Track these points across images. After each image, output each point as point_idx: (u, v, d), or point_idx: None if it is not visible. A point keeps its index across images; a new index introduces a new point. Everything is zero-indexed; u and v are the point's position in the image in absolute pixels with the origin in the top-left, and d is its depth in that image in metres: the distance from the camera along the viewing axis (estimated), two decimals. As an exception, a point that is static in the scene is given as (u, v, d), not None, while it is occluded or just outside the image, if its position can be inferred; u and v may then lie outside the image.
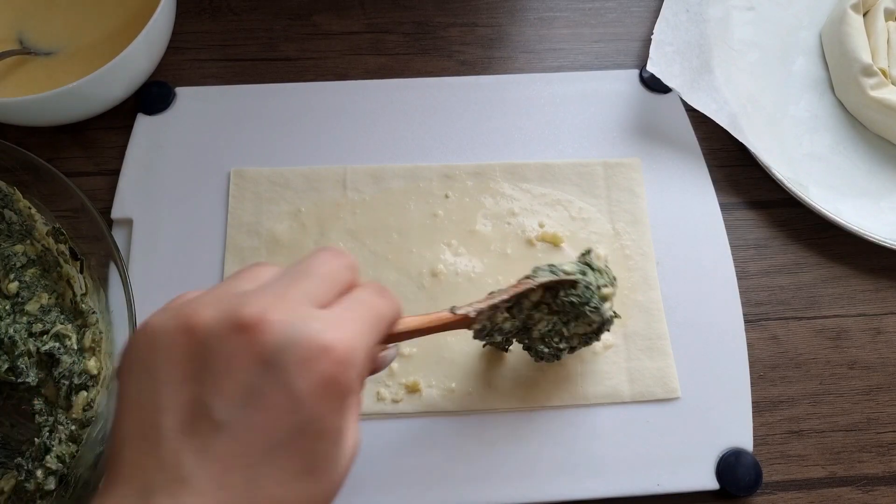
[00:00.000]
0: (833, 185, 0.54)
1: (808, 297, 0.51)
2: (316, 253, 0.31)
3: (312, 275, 0.30)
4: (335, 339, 0.27)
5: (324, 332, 0.27)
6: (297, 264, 0.30)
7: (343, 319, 0.28)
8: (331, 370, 0.26)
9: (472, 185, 0.52)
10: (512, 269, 0.49)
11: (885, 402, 0.49)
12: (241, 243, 0.50)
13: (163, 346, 0.27)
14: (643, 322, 0.48)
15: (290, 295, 0.28)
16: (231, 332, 0.26)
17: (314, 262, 0.30)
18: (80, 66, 0.54)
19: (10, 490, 0.42)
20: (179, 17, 0.56)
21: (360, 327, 0.29)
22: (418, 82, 0.56)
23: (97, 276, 0.45)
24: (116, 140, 0.54)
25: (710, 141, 0.55)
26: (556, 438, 0.45)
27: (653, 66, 0.53)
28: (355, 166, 0.52)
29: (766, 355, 0.49)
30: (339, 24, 0.60)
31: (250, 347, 0.26)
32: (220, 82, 0.57)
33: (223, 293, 0.28)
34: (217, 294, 0.28)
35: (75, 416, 0.42)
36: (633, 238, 0.51)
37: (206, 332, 0.26)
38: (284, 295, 0.28)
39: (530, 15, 0.61)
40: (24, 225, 0.47)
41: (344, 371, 0.27)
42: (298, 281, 0.29)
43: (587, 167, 0.53)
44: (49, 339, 0.43)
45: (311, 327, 0.27)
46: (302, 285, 0.29)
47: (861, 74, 0.55)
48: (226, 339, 0.26)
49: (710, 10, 0.58)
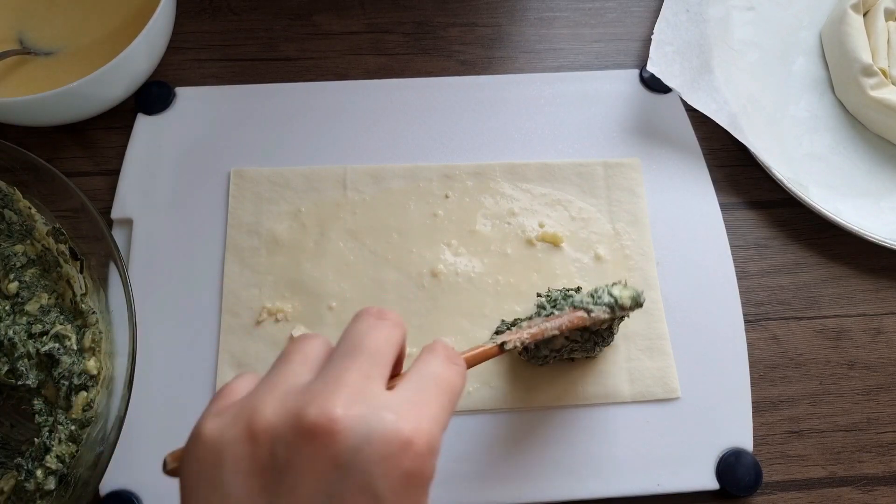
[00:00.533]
0: (833, 185, 0.54)
1: (808, 297, 0.52)
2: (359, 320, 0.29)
3: (366, 350, 0.28)
4: (414, 431, 0.25)
5: (399, 423, 0.25)
6: (346, 338, 0.29)
7: (417, 404, 0.26)
8: (413, 465, 0.24)
9: (472, 185, 0.52)
10: (512, 269, 0.49)
11: (885, 402, 0.49)
12: (241, 243, 0.50)
13: (228, 458, 0.25)
14: (643, 322, 0.48)
15: (351, 381, 0.26)
16: (300, 438, 0.24)
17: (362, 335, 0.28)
18: (80, 66, 0.54)
19: (10, 490, 0.42)
20: (179, 17, 0.56)
21: (436, 411, 0.27)
22: (418, 82, 0.56)
23: (97, 276, 0.45)
24: (116, 140, 0.54)
25: (710, 141, 0.55)
26: (556, 438, 0.45)
27: (653, 66, 0.53)
28: (355, 166, 0.52)
29: (766, 355, 0.49)
30: (339, 24, 0.60)
31: (324, 453, 0.24)
32: (220, 82, 0.57)
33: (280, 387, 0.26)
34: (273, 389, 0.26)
35: (75, 417, 0.42)
36: (633, 238, 0.51)
37: (272, 439, 0.25)
38: (345, 382, 0.26)
39: (530, 15, 0.61)
40: (24, 225, 0.47)
41: (425, 462, 0.25)
42: (354, 360, 0.27)
43: (587, 167, 0.53)
44: (49, 339, 0.43)
45: (385, 420, 0.25)
46: (359, 366, 0.27)
47: (861, 74, 0.55)
48: (295, 447, 0.24)
49: (710, 10, 0.58)
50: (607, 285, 0.43)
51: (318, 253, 0.49)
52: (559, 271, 0.49)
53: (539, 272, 0.49)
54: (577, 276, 0.49)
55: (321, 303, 0.48)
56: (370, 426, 0.25)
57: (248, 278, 0.49)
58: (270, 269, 0.49)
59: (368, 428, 0.25)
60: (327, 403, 0.25)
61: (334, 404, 0.25)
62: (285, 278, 0.49)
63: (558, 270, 0.49)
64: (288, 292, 0.48)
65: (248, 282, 0.49)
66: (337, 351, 0.28)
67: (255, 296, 0.48)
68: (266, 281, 0.49)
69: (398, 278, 0.49)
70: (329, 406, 0.25)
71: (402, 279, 0.49)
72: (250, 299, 0.48)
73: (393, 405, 0.26)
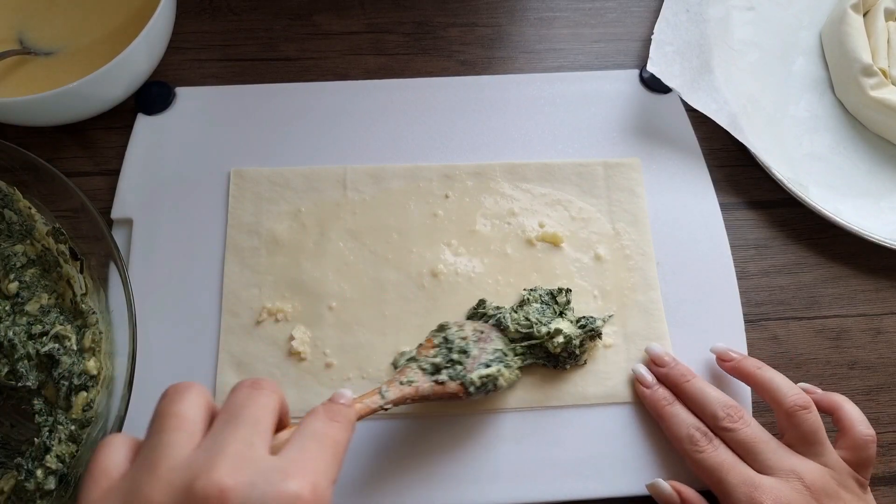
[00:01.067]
0: (833, 185, 0.54)
1: (808, 297, 0.52)
2: (235, 392, 0.30)
3: (245, 418, 0.29)
4: (300, 486, 0.26)
5: (285, 480, 0.26)
6: (224, 410, 0.30)
7: (300, 461, 0.28)
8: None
9: (472, 185, 0.52)
10: (512, 269, 0.49)
11: (885, 402, 0.49)
12: (241, 243, 0.50)
13: None
14: (643, 322, 0.48)
15: (234, 450, 0.27)
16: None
17: (240, 404, 0.30)
18: (80, 66, 0.54)
19: (10, 490, 0.42)
20: (179, 17, 0.56)
21: (320, 465, 0.28)
22: (418, 82, 0.57)
23: (97, 276, 0.45)
24: (116, 140, 0.54)
25: (710, 141, 0.55)
26: (556, 438, 0.45)
27: (653, 66, 0.53)
28: (355, 166, 0.52)
29: (766, 355, 0.49)
30: (339, 24, 0.60)
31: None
32: (220, 82, 0.57)
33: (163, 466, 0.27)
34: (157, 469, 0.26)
35: (75, 417, 0.42)
36: (633, 238, 0.51)
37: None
38: (228, 451, 0.27)
39: (530, 15, 0.61)
40: (24, 225, 0.47)
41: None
42: (235, 429, 0.28)
43: (587, 167, 0.53)
44: (49, 340, 0.43)
45: (271, 481, 0.26)
46: (240, 434, 0.28)
47: (861, 74, 0.55)
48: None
49: (710, 10, 0.58)
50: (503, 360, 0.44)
51: (318, 253, 0.49)
52: (559, 271, 0.49)
53: (539, 272, 0.49)
54: (577, 276, 0.49)
55: (321, 303, 0.48)
56: (259, 489, 0.26)
57: (248, 278, 0.49)
58: (270, 269, 0.49)
59: (258, 490, 0.26)
60: (214, 474, 0.26)
61: (221, 474, 0.26)
62: (285, 278, 0.49)
63: (558, 270, 0.49)
64: (288, 292, 0.48)
65: (248, 282, 0.49)
66: (216, 423, 0.29)
67: (255, 296, 0.48)
68: (266, 281, 0.49)
69: (398, 278, 0.49)
70: (216, 476, 0.25)
71: (402, 279, 0.49)
72: (250, 299, 0.48)
73: (278, 466, 0.27)
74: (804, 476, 0.39)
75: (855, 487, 0.40)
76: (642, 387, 0.45)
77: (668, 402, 0.44)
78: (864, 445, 0.41)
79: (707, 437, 0.41)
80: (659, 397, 0.44)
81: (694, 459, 0.41)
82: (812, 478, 0.39)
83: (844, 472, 0.41)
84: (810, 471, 0.40)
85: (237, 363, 0.47)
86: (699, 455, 0.41)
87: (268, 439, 0.29)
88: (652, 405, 0.45)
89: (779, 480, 0.39)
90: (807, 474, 0.39)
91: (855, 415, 0.43)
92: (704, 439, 0.41)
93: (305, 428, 0.31)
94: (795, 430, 0.41)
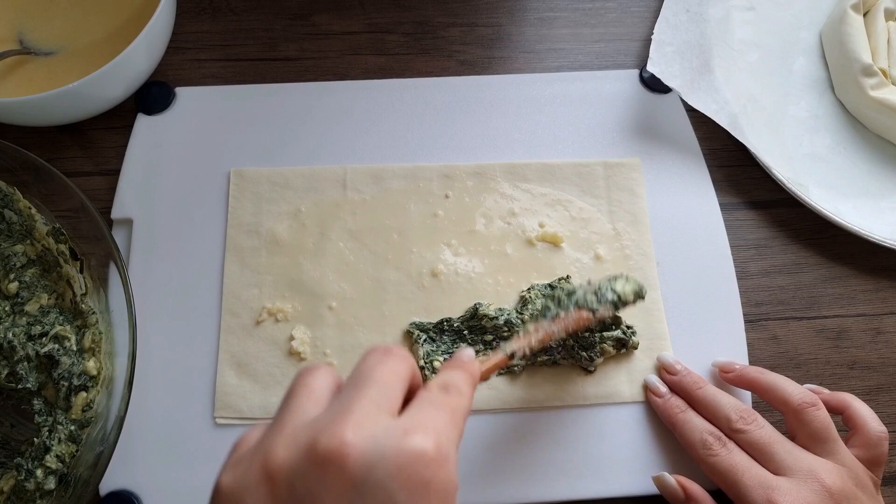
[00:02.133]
0: (833, 185, 0.54)
1: (808, 297, 0.52)
2: (367, 356, 0.30)
3: (374, 381, 0.28)
4: (423, 443, 0.26)
5: (408, 437, 0.26)
6: (354, 373, 0.29)
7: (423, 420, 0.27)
8: (428, 474, 0.25)
9: (472, 185, 0.52)
10: (512, 269, 0.49)
11: (885, 402, 0.49)
12: (241, 243, 0.50)
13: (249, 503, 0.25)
14: (643, 322, 0.48)
15: (359, 410, 0.27)
16: (315, 467, 0.25)
17: (370, 367, 0.29)
18: (80, 66, 0.54)
19: (10, 490, 0.42)
20: (179, 17, 0.56)
21: (442, 425, 0.28)
22: (418, 82, 0.56)
23: (97, 276, 0.45)
24: (116, 140, 0.54)
25: (710, 141, 0.55)
26: (556, 438, 0.45)
27: (653, 66, 0.53)
28: (355, 166, 0.52)
29: (766, 355, 0.49)
30: (339, 24, 0.60)
31: (339, 477, 0.25)
32: (220, 82, 0.57)
33: (289, 427, 0.27)
34: (283, 429, 0.27)
35: (75, 417, 0.42)
36: (633, 238, 0.51)
37: (288, 476, 0.25)
38: (354, 411, 0.27)
39: (530, 15, 0.61)
40: (24, 225, 0.47)
41: (441, 469, 0.26)
42: (362, 391, 0.28)
43: (587, 167, 0.53)
44: (48, 340, 0.43)
45: (394, 437, 0.26)
46: (368, 395, 0.28)
47: (861, 74, 0.55)
48: (312, 477, 0.25)
49: (710, 10, 0.58)
50: (609, 280, 0.43)
51: (318, 253, 0.49)
52: (559, 271, 0.49)
53: (539, 272, 0.49)
54: (577, 276, 0.49)
55: (321, 303, 0.48)
56: (380, 444, 0.25)
57: (248, 278, 0.49)
58: (270, 269, 0.49)
59: (378, 445, 0.25)
60: (337, 431, 0.25)
61: (344, 430, 0.25)
62: (285, 278, 0.49)
63: (558, 270, 0.49)
64: (288, 292, 0.48)
65: (248, 282, 0.49)
66: (345, 385, 0.29)
67: (255, 296, 0.48)
68: (266, 281, 0.49)
69: (398, 278, 0.49)
70: (339, 433, 0.25)
71: (402, 279, 0.49)
72: (250, 299, 0.48)
73: (400, 425, 0.26)
74: (822, 477, 0.39)
75: (871, 487, 0.40)
76: (655, 397, 0.45)
77: (681, 410, 0.44)
78: (877, 442, 0.41)
79: (721, 440, 0.41)
80: (671, 405, 0.44)
81: (708, 463, 0.41)
82: (831, 478, 0.39)
83: (860, 470, 0.40)
84: (828, 471, 0.39)
85: (237, 363, 0.47)
86: (713, 459, 0.41)
87: (395, 404, 0.28)
88: (665, 414, 0.45)
89: (796, 481, 0.39)
90: (824, 475, 0.39)
91: (865, 412, 0.42)
92: (718, 443, 0.41)
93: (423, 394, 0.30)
94: (806, 429, 0.41)
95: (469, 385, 0.32)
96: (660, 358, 0.47)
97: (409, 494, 0.25)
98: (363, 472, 0.25)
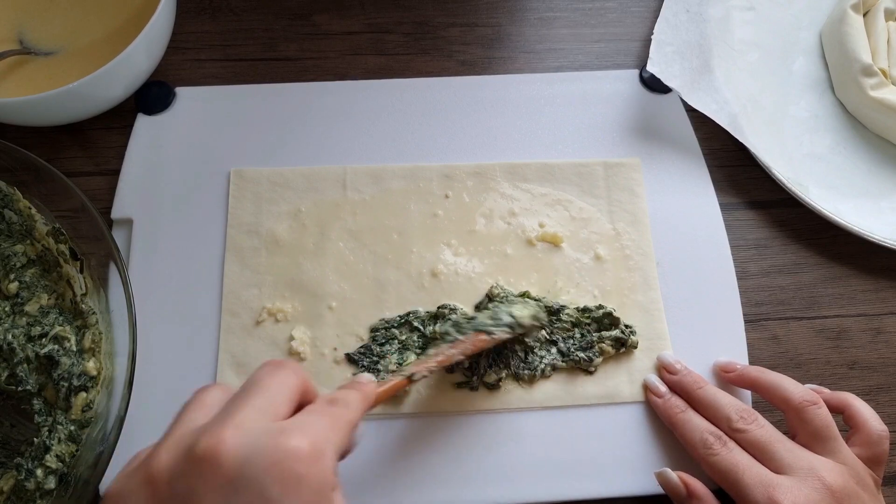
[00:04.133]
0: (833, 185, 0.54)
1: (808, 297, 0.52)
2: (259, 368, 0.31)
3: (260, 389, 0.29)
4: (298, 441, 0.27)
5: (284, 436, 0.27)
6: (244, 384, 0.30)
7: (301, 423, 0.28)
8: (301, 469, 0.26)
9: (472, 185, 0.52)
10: (512, 269, 0.49)
11: (885, 402, 0.49)
12: (241, 243, 0.50)
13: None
14: (643, 322, 0.48)
15: (241, 414, 0.28)
16: (193, 467, 0.26)
17: (259, 377, 0.30)
18: (80, 66, 0.54)
19: (10, 490, 0.42)
20: (179, 17, 0.56)
21: (320, 428, 0.28)
22: (418, 82, 0.56)
23: (97, 276, 0.45)
24: (116, 140, 0.54)
25: (710, 141, 0.55)
26: (556, 438, 0.45)
27: (653, 66, 0.53)
28: (355, 166, 0.52)
29: (766, 355, 0.49)
30: (339, 24, 0.60)
31: (215, 473, 0.26)
32: (220, 82, 0.57)
33: (176, 435, 0.28)
34: (170, 438, 0.28)
35: (74, 417, 0.42)
36: (633, 238, 0.51)
37: (168, 477, 0.26)
38: (236, 415, 0.28)
39: (530, 15, 0.61)
40: (24, 225, 0.47)
41: (313, 466, 0.26)
42: (247, 399, 0.29)
43: (587, 167, 0.53)
44: (48, 341, 0.43)
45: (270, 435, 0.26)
46: (252, 402, 0.28)
47: (861, 74, 0.55)
48: (191, 476, 0.26)
49: (710, 10, 0.58)
50: (509, 304, 0.45)
51: (318, 253, 0.49)
52: (559, 271, 0.49)
53: (539, 272, 0.49)
54: (577, 276, 0.49)
55: (321, 303, 0.48)
56: (257, 442, 0.26)
57: (248, 278, 0.49)
58: (270, 269, 0.49)
59: (252, 443, 0.26)
60: (216, 431, 0.27)
61: (223, 431, 0.26)
62: (285, 278, 0.49)
63: (558, 270, 0.49)
64: (288, 292, 0.48)
65: (248, 282, 0.49)
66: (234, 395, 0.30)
67: (255, 296, 0.48)
68: (266, 281, 0.49)
69: (398, 278, 0.49)
70: (217, 433, 0.26)
71: (402, 279, 0.49)
72: (250, 299, 0.48)
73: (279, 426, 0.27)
74: (823, 475, 0.39)
75: (872, 486, 0.40)
76: (655, 396, 0.45)
77: (682, 410, 0.44)
78: (877, 441, 0.41)
79: (721, 440, 0.41)
80: (672, 405, 0.44)
81: (709, 463, 0.41)
82: (832, 477, 0.39)
83: (861, 469, 0.40)
84: (829, 469, 0.39)
85: (237, 363, 0.47)
86: (714, 458, 0.41)
87: (280, 410, 0.29)
88: (665, 414, 0.45)
89: (797, 479, 0.39)
90: (826, 473, 0.39)
91: (866, 411, 0.42)
92: (718, 442, 0.41)
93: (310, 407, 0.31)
94: (807, 427, 0.41)
95: (359, 401, 0.33)
96: (660, 358, 0.47)
97: (283, 487, 0.26)
98: (237, 468, 0.26)
